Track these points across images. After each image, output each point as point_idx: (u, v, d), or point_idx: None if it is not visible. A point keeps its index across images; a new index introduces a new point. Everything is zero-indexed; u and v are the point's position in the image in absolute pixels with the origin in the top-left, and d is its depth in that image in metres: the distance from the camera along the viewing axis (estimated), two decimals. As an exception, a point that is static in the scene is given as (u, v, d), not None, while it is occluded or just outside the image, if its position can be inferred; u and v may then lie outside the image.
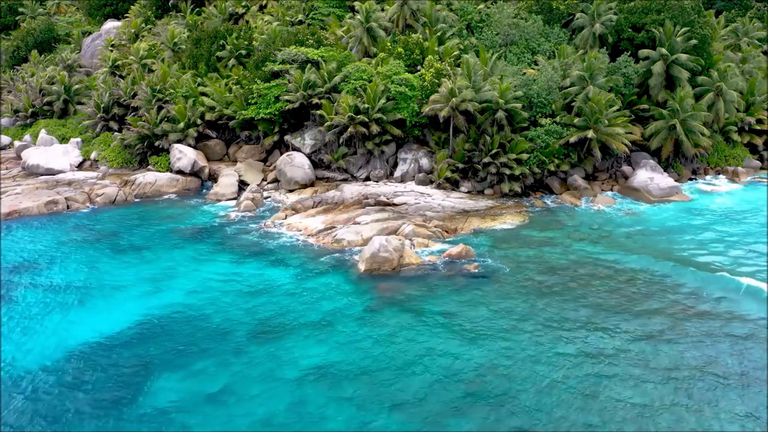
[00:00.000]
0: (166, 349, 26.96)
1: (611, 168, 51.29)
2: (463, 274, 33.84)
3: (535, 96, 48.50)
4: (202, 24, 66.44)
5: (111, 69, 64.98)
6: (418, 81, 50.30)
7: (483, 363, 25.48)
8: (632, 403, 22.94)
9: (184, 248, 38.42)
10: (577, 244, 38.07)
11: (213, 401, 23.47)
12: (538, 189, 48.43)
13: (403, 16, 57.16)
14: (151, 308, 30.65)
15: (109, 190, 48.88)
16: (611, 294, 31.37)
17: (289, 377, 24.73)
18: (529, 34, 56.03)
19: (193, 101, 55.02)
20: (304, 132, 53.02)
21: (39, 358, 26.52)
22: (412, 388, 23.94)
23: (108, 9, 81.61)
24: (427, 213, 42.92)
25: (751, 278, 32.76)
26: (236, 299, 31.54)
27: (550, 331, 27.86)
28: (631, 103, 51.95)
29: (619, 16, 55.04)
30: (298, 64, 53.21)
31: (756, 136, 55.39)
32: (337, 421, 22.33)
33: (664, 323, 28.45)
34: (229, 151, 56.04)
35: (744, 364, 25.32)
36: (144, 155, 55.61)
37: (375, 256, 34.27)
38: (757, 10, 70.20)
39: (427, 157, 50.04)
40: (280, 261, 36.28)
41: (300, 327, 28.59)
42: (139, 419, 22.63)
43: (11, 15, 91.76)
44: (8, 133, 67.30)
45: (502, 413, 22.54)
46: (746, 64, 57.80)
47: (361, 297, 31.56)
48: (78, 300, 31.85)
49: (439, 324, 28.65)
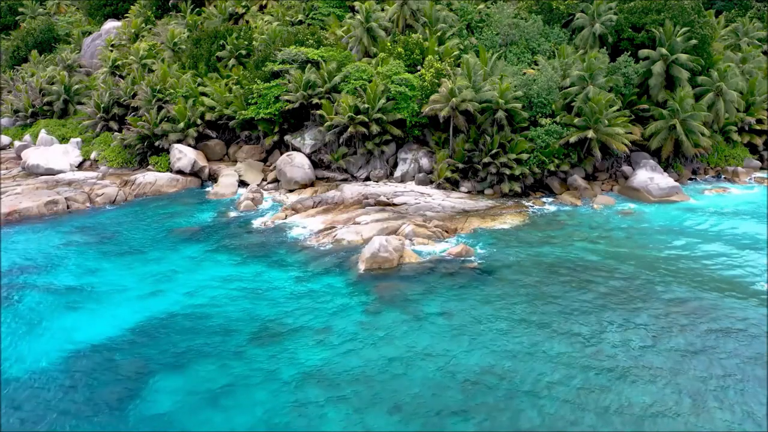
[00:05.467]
0: (165, 350, 26.96)
1: (611, 168, 51.30)
2: (463, 274, 33.84)
3: (535, 96, 48.50)
4: (202, 24, 66.46)
5: (111, 69, 65.05)
6: (418, 81, 50.30)
7: (483, 363, 25.48)
8: (633, 403, 22.95)
9: (184, 249, 38.44)
10: (577, 244, 38.07)
11: (213, 402, 23.46)
12: (538, 189, 48.43)
13: (403, 16, 57.17)
14: (150, 309, 30.64)
15: (109, 190, 48.90)
16: (611, 294, 31.37)
17: (289, 378, 24.71)
18: (529, 34, 56.04)
19: (193, 101, 55.05)
20: (304, 132, 53.03)
21: (38, 359, 26.52)
22: (412, 388, 23.93)
23: (108, 9, 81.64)
24: (427, 213, 42.92)
25: (750, 278, 32.81)
26: (236, 300, 31.54)
27: (550, 331, 27.87)
28: (631, 103, 51.93)
29: (619, 16, 55.02)
30: (298, 64, 53.24)
31: (756, 136, 55.39)
32: (337, 421, 22.32)
33: (665, 323, 28.45)
34: (229, 151, 56.06)
35: (745, 363, 25.32)
36: (144, 155, 55.67)
37: (375, 256, 34.29)
38: (757, 10, 70.17)
39: (427, 157, 50.04)
40: (280, 261, 36.28)
41: (300, 328, 28.60)
42: (139, 420, 22.64)
43: (11, 15, 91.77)
44: (8, 133, 67.33)
45: (502, 414, 22.53)
46: (746, 64, 57.78)
47: (361, 297, 31.56)
48: (78, 301, 31.84)
49: (439, 324, 28.65)
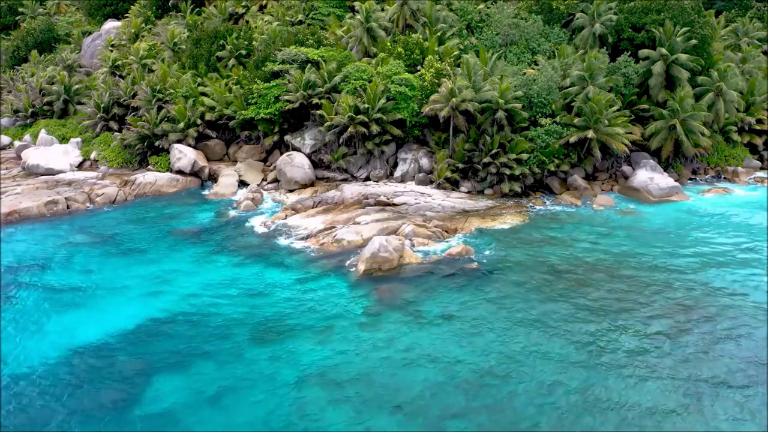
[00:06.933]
0: (166, 351, 26.97)
1: (611, 168, 51.29)
2: (463, 273, 33.83)
3: (535, 96, 48.49)
4: (202, 24, 66.43)
5: (111, 69, 64.99)
6: (418, 81, 50.29)
7: (483, 364, 25.49)
8: (633, 404, 22.95)
9: (184, 249, 38.43)
10: (577, 244, 38.07)
11: (213, 402, 23.47)
12: (538, 189, 48.42)
13: (403, 16, 57.16)
14: (150, 309, 30.64)
15: (109, 190, 48.88)
16: (611, 294, 31.37)
17: (289, 379, 24.71)
18: (529, 34, 56.02)
19: (193, 101, 55.02)
20: (304, 132, 53.01)
21: (39, 359, 26.54)
22: (412, 389, 23.93)
23: (108, 9, 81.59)
24: (427, 213, 42.92)
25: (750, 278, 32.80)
26: (236, 300, 31.55)
27: (550, 331, 27.88)
28: (631, 103, 51.92)
29: (619, 16, 55.01)
30: (298, 64, 53.22)
31: (756, 136, 55.37)
32: (337, 422, 22.32)
33: (665, 323, 28.46)
34: (229, 151, 56.04)
35: (745, 363, 25.31)
36: (144, 155, 55.63)
37: (375, 256, 34.28)
38: (757, 10, 70.17)
39: (427, 157, 50.03)
40: (280, 261, 36.27)
41: (300, 328, 28.59)
42: (139, 420, 22.65)
43: (11, 15, 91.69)
44: (8, 133, 67.29)
45: (502, 415, 22.54)
46: (746, 64, 57.77)
47: (361, 297, 31.55)
48: (78, 301, 31.86)
49: (439, 324, 28.65)
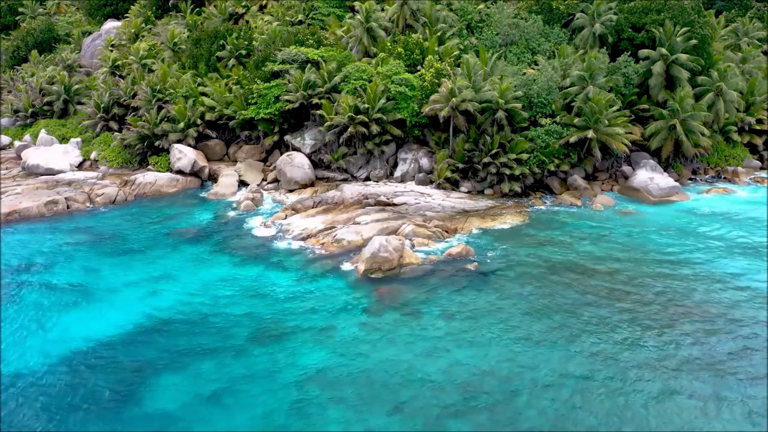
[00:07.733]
0: (165, 351, 26.95)
1: (611, 168, 51.30)
2: (463, 274, 33.83)
3: (535, 96, 48.48)
4: (202, 24, 66.43)
5: (111, 69, 65.00)
6: (418, 81, 50.29)
7: (483, 364, 25.47)
8: (633, 404, 22.95)
9: (184, 249, 38.42)
10: (577, 244, 38.07)
11: (213, 402, 23.47)
12: (538, 189, 48.42)
13: (403, 16, 57.16)
14: (151, 309, 30.65)
15: (109, 190, 48.88)
16: (611, 294, 31.37)
17: (289, 379, 24.70)
18: (529, 34, 56.02)
19: (193, 101, 55.02)
20: (304, 132, 53.01)
21: (39, 359, 26.52)
22: (412, 390, 23.92)
23: (108, 9, 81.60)
24: (427, 213, 42.91)
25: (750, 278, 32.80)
26: (236, 300, 31.54)
27: (549, 332, 27.87)
28: (631, 103, 51.93)
29: (619, 16, 55.02)
30: (298, 64, 53.22)
31: (756, 136, 55.39)
32: (337, 423, 22.31)
33: (665, 323, 28.46)
34: (229, 151, 56.05)
35: (745, 363, 25.32)
36: (144, 155, 55.63)
37: (375, 256, 34.27)
38: (757, 10, 70.18)
39: (427, 157, 50.03)
40: (279, 261, 36.27)
41: (300, 328, 28.58)
42: (138, 420, 22.65)
43: (11, 15, 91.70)
44: (8, 133, 67.29)
45: (502, 416, 22.53)
46: (746, 64, 57.79)
47: (361, 297, 31.53)
48: (78, 301, 31.85)
49: (439, 325, 28.64)
